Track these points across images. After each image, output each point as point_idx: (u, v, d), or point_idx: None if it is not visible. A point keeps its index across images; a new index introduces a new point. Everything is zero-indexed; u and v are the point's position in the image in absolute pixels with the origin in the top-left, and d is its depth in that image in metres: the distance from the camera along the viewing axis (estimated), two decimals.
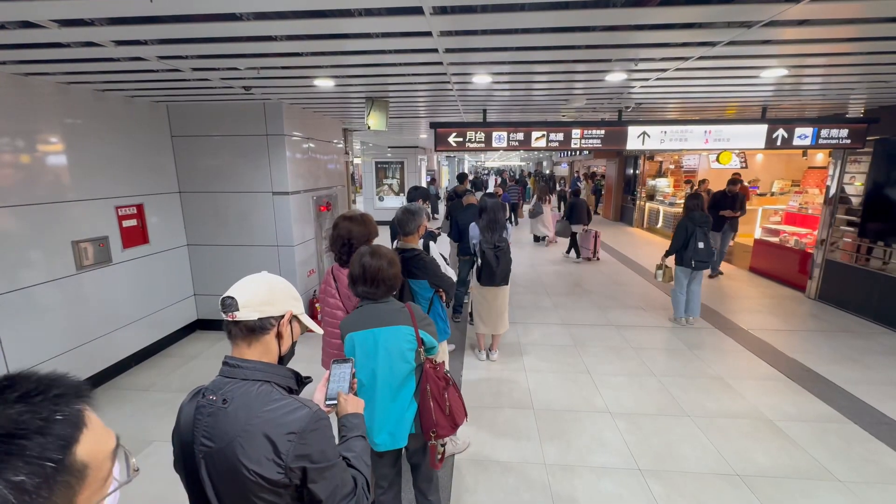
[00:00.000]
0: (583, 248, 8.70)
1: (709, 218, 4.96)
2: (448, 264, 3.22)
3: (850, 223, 5.61)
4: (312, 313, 4.90)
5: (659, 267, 5.31)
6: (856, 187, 5.57)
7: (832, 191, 5.84)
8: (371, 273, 1.80)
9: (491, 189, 11.12)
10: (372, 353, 1.79)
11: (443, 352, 3.01)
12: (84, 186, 3.65)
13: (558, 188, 18.34)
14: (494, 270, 3.91)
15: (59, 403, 0.53)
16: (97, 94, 3.77)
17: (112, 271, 3.92)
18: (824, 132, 4.68)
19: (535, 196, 10.78)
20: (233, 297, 1.04)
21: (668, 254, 5.11)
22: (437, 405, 1.82)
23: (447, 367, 2.27)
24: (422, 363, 1.86)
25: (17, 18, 2.07)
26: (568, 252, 8.99)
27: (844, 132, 4.69)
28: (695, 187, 10.25)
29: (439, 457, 1.90)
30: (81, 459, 0.52)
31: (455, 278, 3.35)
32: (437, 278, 2.67)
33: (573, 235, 8.76)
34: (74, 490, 0.50)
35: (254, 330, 1.05)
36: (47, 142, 3.38)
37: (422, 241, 3.23)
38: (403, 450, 1.97)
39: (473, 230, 4.09)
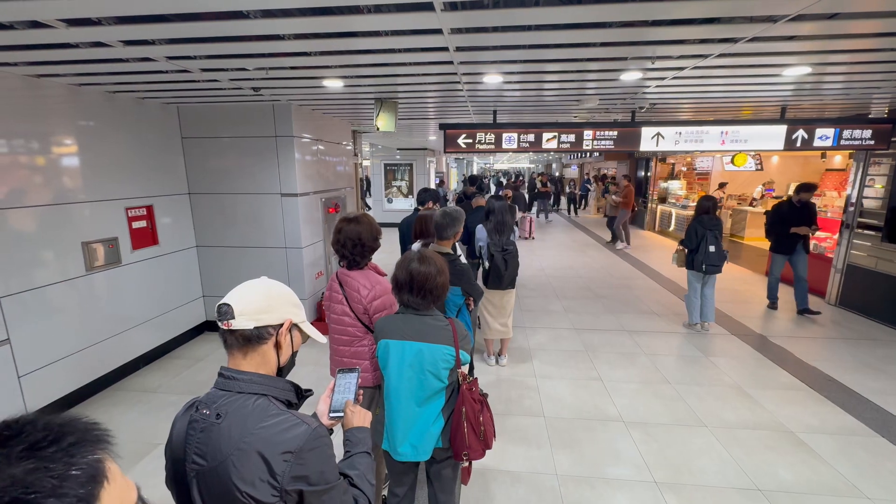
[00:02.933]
0: (520, 230, 10.91)
1: (720, 221, 4.82)
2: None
3: (871, 227, 5.43)
4: (321, 316, 4.86)
5: (676, 251, 5.24)
6: (877, 189, 5.38)
7: (853, 194, 5.66)
8: (419, 281, 1.70)
9: (494, 191, 11.68)
10: (405, 363, 1.72)
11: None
12: (94, 188, 3.66)
13: (568, 190, 18.22)
14: (502, 274, 3.83)
15: (75, 454, 0.44)
16: (108, 96, 3.78)
17: (121, 272, 3.92)
18: (846, 133, 4.54)
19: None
20: (229, 305, 0.98)
21: (681, 242, 5.05)
22: (472, 429, 1.75)
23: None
24: (456, 381, 1.79)
25: (24, 18, 2.06)
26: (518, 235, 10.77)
27: (868, 133, 4.54)
28: (717, 191, 10.22)
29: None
30: None
31: None
32: (471, 286, 2.62)
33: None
34: None
35: (250, 339, 0.99)
36: (59, 143, 3.39)
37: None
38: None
39: (480, 232, 4.00)
